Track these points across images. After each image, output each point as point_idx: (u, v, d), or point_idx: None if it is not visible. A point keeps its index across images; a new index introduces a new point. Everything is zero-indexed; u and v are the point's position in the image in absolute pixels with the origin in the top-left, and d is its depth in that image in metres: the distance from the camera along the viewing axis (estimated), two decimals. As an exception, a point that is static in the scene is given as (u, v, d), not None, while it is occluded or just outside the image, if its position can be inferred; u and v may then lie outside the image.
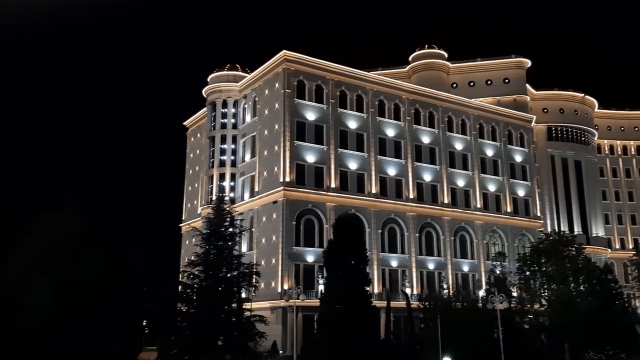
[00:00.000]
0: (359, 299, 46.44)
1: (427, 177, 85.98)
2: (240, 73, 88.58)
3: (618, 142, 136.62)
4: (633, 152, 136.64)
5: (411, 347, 52.97)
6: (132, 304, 42.83)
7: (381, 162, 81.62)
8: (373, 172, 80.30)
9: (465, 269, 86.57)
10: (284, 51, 76.97)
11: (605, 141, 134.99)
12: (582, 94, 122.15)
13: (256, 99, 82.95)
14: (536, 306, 65.18)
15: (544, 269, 70.41)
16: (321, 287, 60.52)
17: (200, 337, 43.31)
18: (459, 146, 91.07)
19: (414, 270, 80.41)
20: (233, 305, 47.30)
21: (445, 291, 74.00)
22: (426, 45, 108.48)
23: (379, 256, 77.51)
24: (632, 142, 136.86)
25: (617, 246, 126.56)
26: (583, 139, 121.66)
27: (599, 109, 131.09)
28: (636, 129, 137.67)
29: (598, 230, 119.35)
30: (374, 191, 79.56)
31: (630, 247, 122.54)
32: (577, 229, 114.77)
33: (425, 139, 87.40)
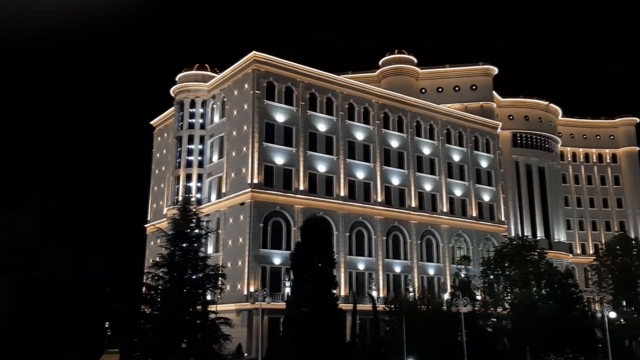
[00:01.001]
0: (325, 301, 46.44)
1: (395, 181, 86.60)
2: (209, 73, 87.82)
3: (580, 149, 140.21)
4: (595, 160, 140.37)
5: (376, 349, 53.21)
6: (94, 305, 41.91)
7: (350, 165, 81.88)
8: (342, 175, 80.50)
9: (431, 272, 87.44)
10: (253, 52, 76.59)
11: (568, 148, 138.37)
12: (547, 102, 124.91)
13: (225, 99, 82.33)
14: (499, 309, 66.24)
15: (507, 273, 71.70)
16: (288, 290, 60.39)
17: (163, 339, 42.81)
18: (426, 151, 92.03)
19: (380, 273, 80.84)
20: (198, 307, 47.07)
21: (411, 294, 74.58)
22: (396, 50, 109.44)
23: (346, 259, 77.69)
24: (593, 150, 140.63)
25: (578, 251, 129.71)
26: (547, 146, 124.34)
27: (562, 117, 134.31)
28: (598, 137, 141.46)
29: (560, 235, 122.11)
30: (342, 194, 79.75)
31: (591, 252, 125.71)
32: (540, 234, 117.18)
33: (394, 143, 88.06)
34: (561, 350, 55.43)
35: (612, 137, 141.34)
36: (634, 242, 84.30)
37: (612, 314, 64.77)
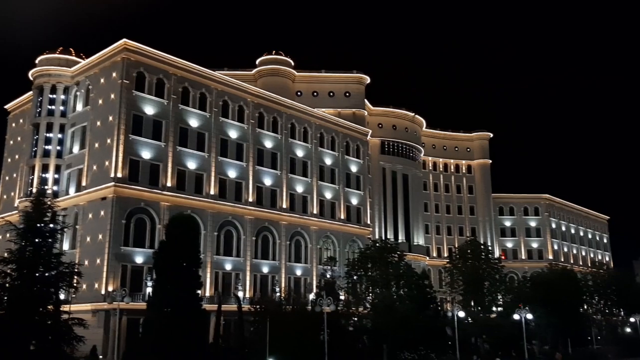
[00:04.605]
0: (188, 302, 45.28)
1: (268, 182, 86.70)
2: (74, 58, 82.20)
3: (440, 159, 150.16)
4: (452, 170, 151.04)
5: (240, 350, 52.75)
6: None
7: (222, 163, 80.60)
8: (213, 173, 78.99)
9: (299, 273, 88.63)
10: (124, 39, 72.74)
11: (430, 158, 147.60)
12: (413, 114, 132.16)
13: (90, 87, 77.38)
14: (361, 309, 68.74)
15: (370, 273, 74.78)
16: (149, 290, 58.03)
17: (10, 341, 39.49)
18: (300, 153, 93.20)
19: (248, 273, 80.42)
20: (49, 307, 44.44)
21: (277, 295, 75.01)
22: (273, 51, 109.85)
23: (213, 259, 76.32)
24: (452, 161, 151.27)
25: (435, 254, 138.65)
26: (411, 154, 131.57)
27: (426, 128, 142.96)
28: (456, 148, 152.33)
29: (419, 239, 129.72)
30: (212, 192, 78.27)
31: (445, 255, 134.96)
32: (402, 237, 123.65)
33: (268, 144, 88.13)
34: (415, 348, 58.60)
35: (468, 149, 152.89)
36: (482, 246, 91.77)
37: (461, 314, 69.92)
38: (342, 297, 71.39)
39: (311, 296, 73.23)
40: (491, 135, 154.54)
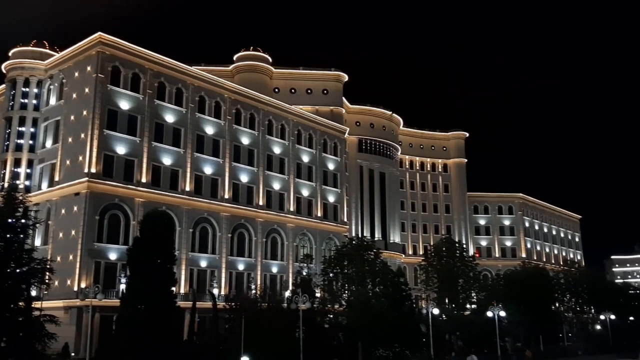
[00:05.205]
0: (162, 299, 44.92)
1: (244, 178, 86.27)
2: (48, 51, 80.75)
3: (417, 158, 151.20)
4: (429, 169, 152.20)
5: (214, 348, 52.44)
6: None
7: (198, 159, 79.97)
8: (188, 169, 78.31)
9: (275, 270, 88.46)
10: (99, 33, 71.60)
11: (407, 156, 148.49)
12: (390, 112, 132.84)
13: (64, 80, 76.07)
14: (337, 306, 68.85)
15: (346, 271, 74.96)
16: (123, 287, 57.38)
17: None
18: (277, 150, 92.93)
19: (223, 270, 79.98)
20: (20, 303, 44.35)
21: (253, 292, 74.74)
22: (251, 47, 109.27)
23: (188, 256, 75.72)
24: (428, 159, 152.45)
25: (410, 252, 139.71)
26: (388, 153, 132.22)
27: (403, 127, 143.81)
28: (433, 147, 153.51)
29: (395, 237, 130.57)
30: (188, 189, 77.62)
31: (421, 252, 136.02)
32: (378, 235, 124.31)
33: (245, 140, 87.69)
34: (389, 345, 58.93)
35: (444, 148, 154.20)
36: (457, 244, 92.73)
37: (436, 311, 70.57)
38: (318, 295, 71.47)
39: (287, 294, 73.21)
40: (467, 134, 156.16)
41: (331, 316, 64.12)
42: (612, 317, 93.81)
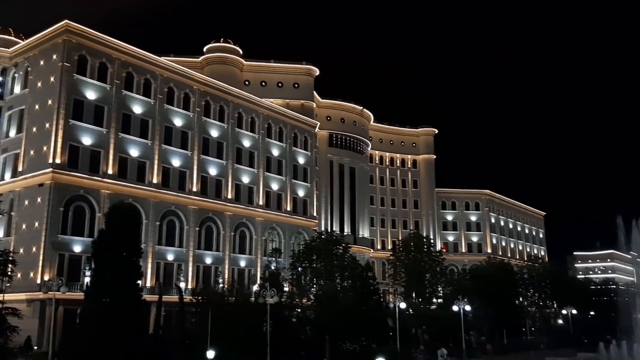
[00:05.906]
0: (128, 292, 44.28)
1: (213, 171, 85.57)
2: (13, 38, 78.75)
3: (387, 153, 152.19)
4: (398, 164, 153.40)
5: (180, 341, 52.03)
6: None
7: (166, 151, 78.98)
8: (156, 162, 77.26)
9: (243, 264, 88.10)
10: (65, 21, 69.90)
11: (377, 152, 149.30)
12: (361, 107, 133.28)
13: (29, 69, 74.19)
14: (305, 300, 68.97)
15: (315, 265, 75.12)
16: (88, 280, 56.44)
17: None
18: (246, 143, 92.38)
19: (190, 264, 79.32)
20: None
21: (221, 286, 74.34)
22: (222, 39, 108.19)
23: (154, 249, 74.85)
24: (398, 155, 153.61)
25: (379, 247, 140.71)
26: (359, 148, 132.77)
27: (374, 122, 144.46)
28: (402, 143, 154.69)
29: (364, 231, 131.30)
30: (155, 181, 76.63)
31: (389, 247, 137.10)
32: (347, 229, 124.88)
33: (214, 133, 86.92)
34: (357, 339, 59.28)
35: (414, 144, 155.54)
36: (425, 240, 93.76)
37: (403, 305, 71.25)
38: (286, 289, 71.39)
39: (255, 287, 72.95)
40: (436, 131, 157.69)
41: (299, 310, 64.19)
42: (574, 311, 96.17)
